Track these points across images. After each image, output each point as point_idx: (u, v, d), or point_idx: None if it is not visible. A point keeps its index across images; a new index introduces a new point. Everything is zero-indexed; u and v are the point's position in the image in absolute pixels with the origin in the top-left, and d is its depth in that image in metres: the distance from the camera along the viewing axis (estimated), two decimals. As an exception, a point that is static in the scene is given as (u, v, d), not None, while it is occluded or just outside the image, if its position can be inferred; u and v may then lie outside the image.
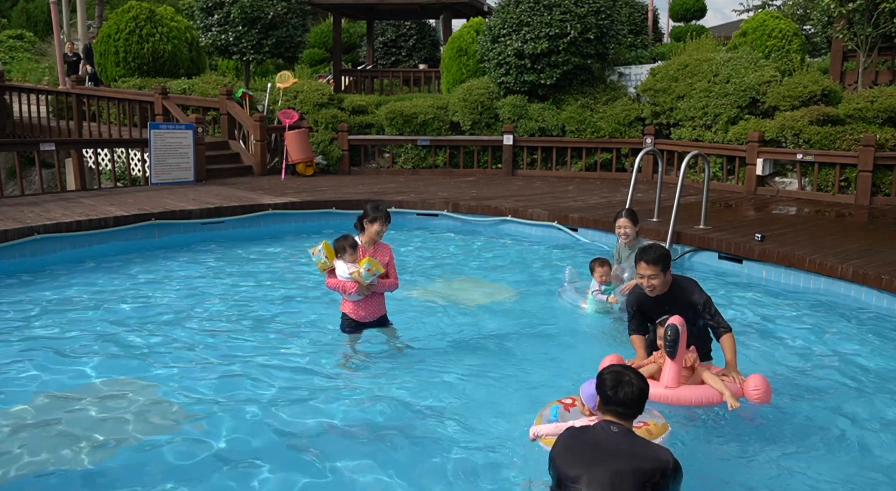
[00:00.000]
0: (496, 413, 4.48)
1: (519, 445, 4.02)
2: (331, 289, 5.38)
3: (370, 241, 5.31)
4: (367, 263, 5.09)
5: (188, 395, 4.77)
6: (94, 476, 3.80)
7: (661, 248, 4.59)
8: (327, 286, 5.39)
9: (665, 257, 4.50)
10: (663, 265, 4.47)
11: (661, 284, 4.49)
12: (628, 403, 3.03)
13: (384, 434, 4.22)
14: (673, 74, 13.83)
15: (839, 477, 3.88)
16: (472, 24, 16.19)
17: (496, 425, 4.34)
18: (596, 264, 6.34)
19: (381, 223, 5.23)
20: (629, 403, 3.03)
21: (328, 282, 5.33)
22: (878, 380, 5.18)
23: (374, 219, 5.22)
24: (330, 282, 5.31)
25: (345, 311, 5.46)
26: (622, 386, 3.05)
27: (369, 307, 5.40)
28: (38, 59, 26.25)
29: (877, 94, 11.70)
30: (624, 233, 6.29)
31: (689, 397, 4.30)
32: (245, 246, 9.21)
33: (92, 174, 12.64)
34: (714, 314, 4.53)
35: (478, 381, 4.99)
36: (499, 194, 11.58)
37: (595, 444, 2.94)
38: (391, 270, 5.41)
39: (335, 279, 5.26)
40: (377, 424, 4.35)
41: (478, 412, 4.49)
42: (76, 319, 6.24)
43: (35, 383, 4.92)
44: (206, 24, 16.32)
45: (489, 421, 4.39)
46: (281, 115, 13.87)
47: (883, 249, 7.66)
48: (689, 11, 25.06)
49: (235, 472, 3.84)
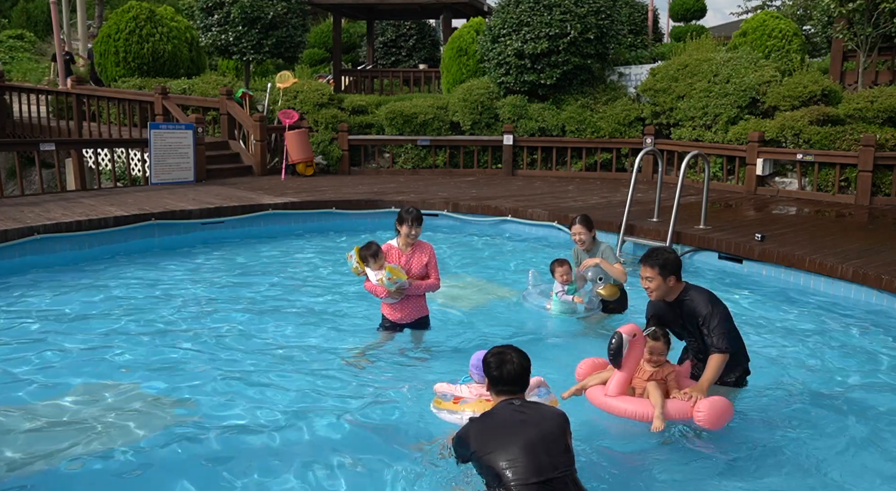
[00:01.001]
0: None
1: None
2: (368, 291, 5.50)
3: (406, 243, 5.42)
4: (388, 271, 5.18)
5: (187, 395, 4.77)
6: (92, 475, 3.80)
7: (666, 253, 4.42)
8: (365, 289, 5.50)
9: (668, 263, 4.34)
10: (663, 271, 4.33)
11: (658, 288, 4.36)
12: (513, 379, 3.35)
13: (384, 434, 4.23)
14: (673, 74, 13.83)
15: (853, 472, 3.88)
16: (472, 24, 16.19)
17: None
18: (556, 265, 6.40)
19: (409, 225, 5.32)
20: (513, 379, 3.35)
21: (366, 285, 5.45)
22: (878, 380, 5.18)
23: (402, 220, 5.35)
24: (367, 286, 5.44)
25: (383, 312, 5.61)
26: (504, 365, 3.37)
27: (406, 309, 5.51)
28: (38, 59, 26.25)
29: (877, 94, 11.70)
30: (579, 239, 6.37)
31: (622, 409, 4.15)
32: (245, 246, 9.21)
33: (92, 174, 12.64)
34: (713, 330, 4.24)
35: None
36: (499, 194, 11.58)
37: (503, 423, 3.22)
38: (432, 270, 5.50)
39: (370, 283, 5.37)
40: (374, 425, 4.35)
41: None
42: (76, 319, 6.24)
43: (35, 383, 4.92)
44: (206, 24, 16.32)
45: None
46: (281, 115, 13.87)
47: (883, 249, 7.66)
48: (689, 11, 25.05)
49: (235, 471, 3.84)
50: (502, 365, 3.37)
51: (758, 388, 4.88)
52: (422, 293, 5.52)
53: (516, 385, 3.38)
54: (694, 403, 4.05)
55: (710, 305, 4.31)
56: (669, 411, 4.04)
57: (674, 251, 4.56)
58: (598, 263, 6.15)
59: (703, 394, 4.09)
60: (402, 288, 5.30)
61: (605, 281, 6.13)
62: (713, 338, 4.23)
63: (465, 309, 6.66)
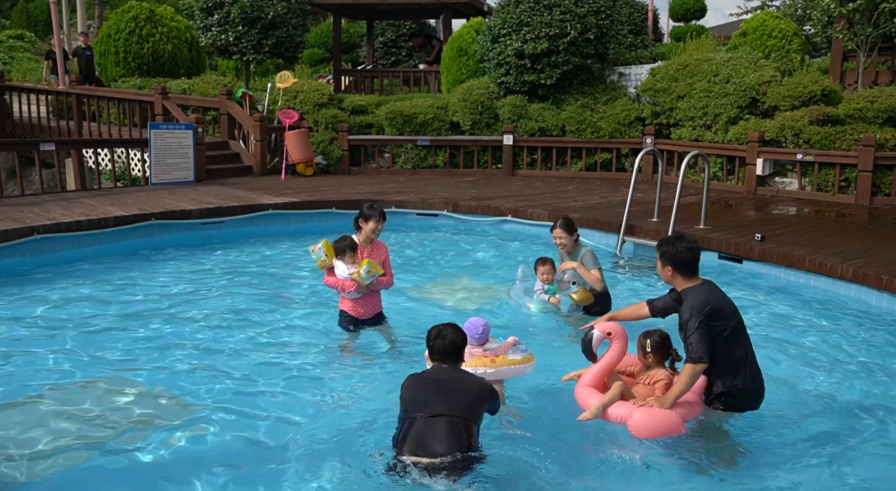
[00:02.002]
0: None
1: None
2: (329, 286, 5.48)
3: (367, 240, 5.45)
4: (368, 264, 5.20)
5: (186, 395, 4.78)
6: (90, 474, 3.81)
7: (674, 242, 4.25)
8: (326, 284, 5.50)
9: (666, 252, 4.25)
10: (662, 258, 4.28)
11: (661, 273, 4.35)
12: (444, 352, 3.88)
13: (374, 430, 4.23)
14: (673, 74, 13.83)
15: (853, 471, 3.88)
16: (472, 24, 16.18)
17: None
18: (538, 263, 6.42)
19: (377, 221, 5.36)
20: (444, 352, 3.88)
21: (327, 280, 5.44)
22: (878, 380, 5.18)
23: (369, 217, 5.36)
24: (329, 280, 5.42)
25: (343, 308, 5.58)
26: (437, 339, 3.90)
27: (367, 305, 5.55)
28: (38, 59, 26.22)
29: (877, 94, 11.70)
30: (560, 243, 6.38)
31: (583, 400, 4.21)
32: (245, 246, 9.21)
33: (92, 174, 12.64)
34: (688, 337, 4.05)
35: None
36: (499, 194, 11.58)
37: (435, 379, 3.80)
38: (387, 267, 5.55)
39: (334, 278, 5.37)
40: (367, 423, 4.35)
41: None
42: (75, 319, 6.24)
43: (34, 383, 4.92)
44: (206, 24, 16.31)
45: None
46: (281, 115, 13.87)
47: (883, 249, 7.66)
48: (689, 11, 25.03)
49: (233, 471, 3.85)
50: (435, 339, 3.91)
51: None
52: (379, 289, 5.61)
53: (447, 357, 3.89)
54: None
55: (692, 311, 4.05)
56: (610, 412, 4.07)
57: (688, 243, 4.26)
58: (575, 266, 6.15)
59: (664, 404, 4.00)
60: (371, 283, 5.37)
61: (578, 285, 6.12)
62: (689, 344, 4.04)
63: (457, 307, 6.70)
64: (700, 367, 4.02)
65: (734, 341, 4.12)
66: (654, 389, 4.22)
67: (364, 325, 5.62)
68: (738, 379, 4.15)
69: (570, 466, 3.85)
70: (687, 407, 4.09)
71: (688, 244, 4.24)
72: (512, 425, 4.23)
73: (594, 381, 4.27)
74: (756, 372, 4.23)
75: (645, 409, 4.01)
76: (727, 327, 4.10)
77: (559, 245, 6.41)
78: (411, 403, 3.70)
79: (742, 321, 4.22)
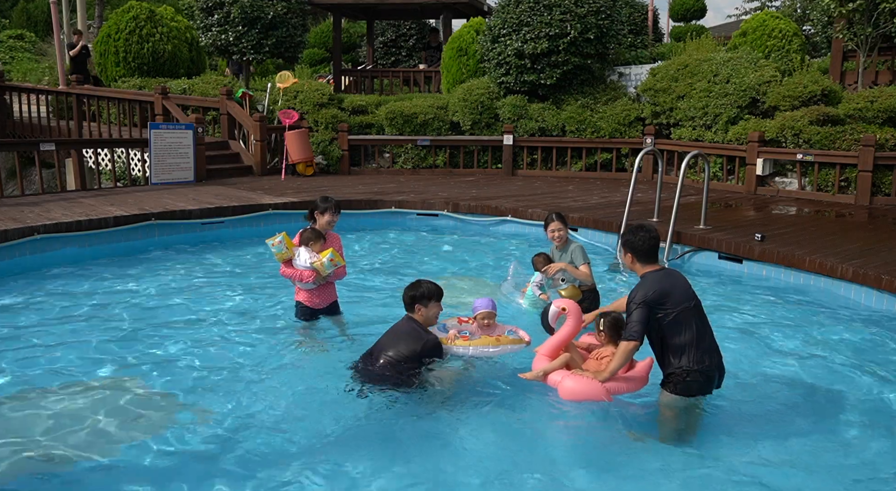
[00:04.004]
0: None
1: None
2: (286, 277, 5.68)
3: (324, 231, 5.67)
4: (331, 253, 5.44)
5: (186, 395, 4.78)
6: (87, 473, 3.81)
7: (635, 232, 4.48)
8: (282, 275, 5.69)
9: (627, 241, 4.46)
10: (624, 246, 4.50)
11: (624, 260, 4.62)
12: (404, 301, 4.79)
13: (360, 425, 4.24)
14: (673, 74, 13.83)
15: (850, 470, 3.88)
16: (472, 24, 16.18)
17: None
18: (539, 257, 6.51)
19: (332, 214, 5.63)
20: (405, 302, 4.78)
21: (283, 271, 5.64)
22: (878, 380, 5.18)
23: (325, 210, 5.63)
24: (286, 271, 5.62)
25: (299, 299, 5.78)
26: (405, 291, 4.80)
27: (323, 295, 5.75)
28: (38, 59, 26.21)
29: (877, 94, 11.70)
30: (558, 236, 6.39)
31: (535, 366, 4.67)
32: (245, 246, 9.21)
33: (92, 174, 12.64)
34: (629, 315, 4.29)
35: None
36: (499, 194, 11.58)
37: (393, 327, 4.80)
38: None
39: (291, 269, 5.57)
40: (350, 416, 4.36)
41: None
42: (75, 319, 6.25)
43: (33, 382, 4.92)
44: (206, 24, 16.32)
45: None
46: (281, 115, 13.87)
47: (883, 249, 7.66)
48: (689, 11, 25.04)
49: (237, 471, 3.85)
50: (405, 291, 4.82)
51: (757, 387, 4.88)
52: (334, 280, 5.80)
53: (406, 307, 4.79)
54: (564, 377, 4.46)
55: (638, 293, 4.28)
56: (550, 377, 4.54)
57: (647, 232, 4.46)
58: (563, 267, 6.17)
59: (600, 376, 4.37)
60: (329, 274, 5.56)
61: (567, 282, 6.14)
62: (628, 323, 4.29)
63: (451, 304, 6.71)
64: (632, 345, 4.27)
65: (680, 325, 4.26)
66: (600, 363, 4.58)
67: (319, 314, 5.79)
68: (682, 361, 4.27)
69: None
70: (622, 381, 4.45)
71: (647, 234, 4.47)
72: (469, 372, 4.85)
73: (550, 351, 4.69)
74: (705, 356, 4.29)
75: (574, 376, 4.45)
76: (672, 312, 4.24)
77: (556, 238, 6.43)
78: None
79: (695, 307, 4.33)
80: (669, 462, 4.00)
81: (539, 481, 3.79)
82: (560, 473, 3.88)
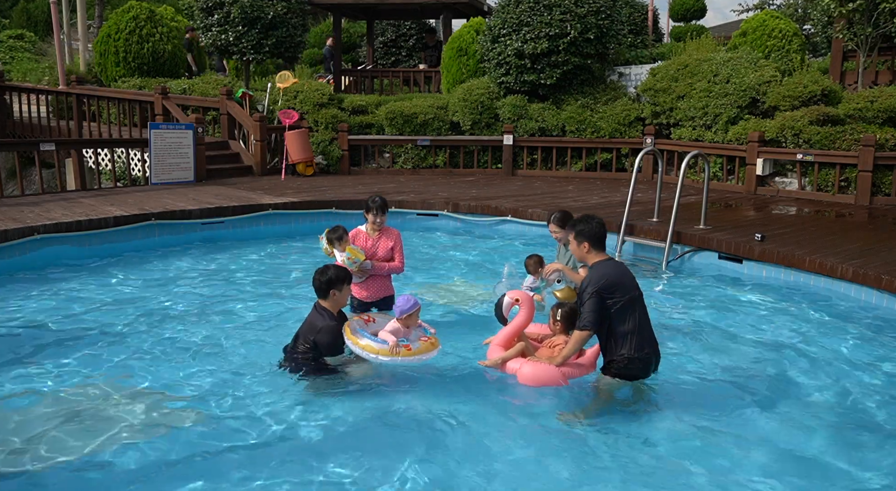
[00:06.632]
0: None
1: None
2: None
3: (373, 229, 5.91)
4: (348, 252, 5.63)
5: (185, 395, 4.78)
6: (85, 473, 3.81)
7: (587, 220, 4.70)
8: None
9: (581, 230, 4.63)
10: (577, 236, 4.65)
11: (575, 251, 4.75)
12: (314, 286, 4.96)
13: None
14: (673, 74, 13.83)
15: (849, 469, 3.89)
16: (472, 24, 16.18)
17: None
18: (531, 260, 6.55)
19: (374, 214, 5.88)
20: (314, 287, 4.97)
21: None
22: (878, 380, 5.18)
23: (368, 209, 5.90)
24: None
25: (352, 292, 5.87)
26: (313, 276, 4.97)
27: (371, 289, 5.93)
28: (38, 59, 26.21)
29: (877, 94, 11.70)
30: (558, 237, 6.38)
31: (490, 355, 4.92)
32: (245, 246, 9.21)
33: (92, 174, 12.64)
34: (581, 305, 4.51)
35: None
36: (499, 194, 11.58)
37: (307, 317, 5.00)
38: (397, 254, 5.99)
39: (338, 264, 5.69)
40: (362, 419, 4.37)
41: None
42: (75, 319, 6.25)
43: (33, 382, 4.92)
44: (206, 24, 16.31)
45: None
46: (281, 115, 13.87)
47: (883, 249, 7.66)
48: (689, 11, 25.01)
49: (236, 471, 3.85)
50: (313, 276, 5.03)
51: (757, 386, 4.88)
52: (386, 274, 5.96)
53: (316, 292, 4.97)
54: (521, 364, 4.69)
55: (590, 282, 4.47)
56: (508, 365, 4.80)
57: (598, 220, 4.71)
58: (560, 268, 6.15)
59: (553, 362, 4.64)
60: (365, 269, 5.73)
61: (562, 283, 6.13)
62: (582, 313, 4.49)
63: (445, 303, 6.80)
64: (585, 333, 4.51)
65: (625, 314, 4.47)
66: (553, 351, 4.84)
67: (370, 307, 5.91)
68: (623, 349, 4.50)
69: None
70: (575, 367, 4.73)
71: (598, 221, 4.72)
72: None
73: (503, 341, 4.93)
74: (645, 344, 4.53)
75: (532, 363, 4.70)
76: (620, 301, 4.45)
77: (557, 239, 6.41)
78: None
79: (638, 297, 4.56)
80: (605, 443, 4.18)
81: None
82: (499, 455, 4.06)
